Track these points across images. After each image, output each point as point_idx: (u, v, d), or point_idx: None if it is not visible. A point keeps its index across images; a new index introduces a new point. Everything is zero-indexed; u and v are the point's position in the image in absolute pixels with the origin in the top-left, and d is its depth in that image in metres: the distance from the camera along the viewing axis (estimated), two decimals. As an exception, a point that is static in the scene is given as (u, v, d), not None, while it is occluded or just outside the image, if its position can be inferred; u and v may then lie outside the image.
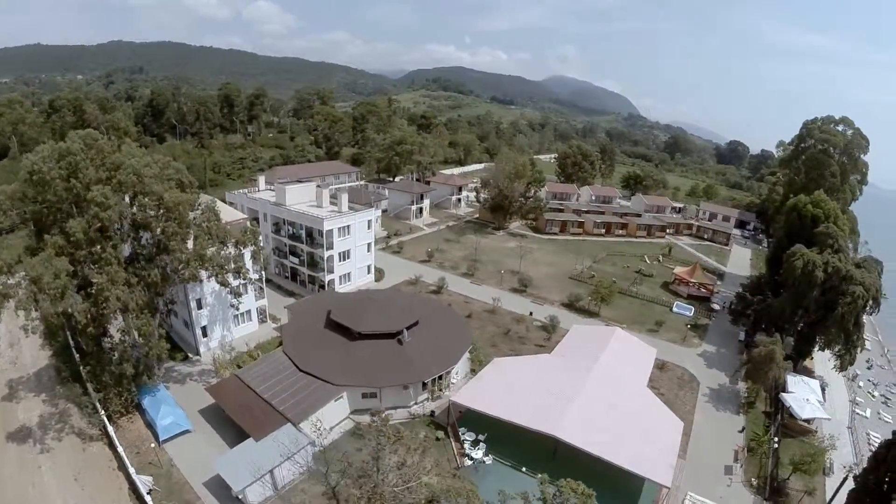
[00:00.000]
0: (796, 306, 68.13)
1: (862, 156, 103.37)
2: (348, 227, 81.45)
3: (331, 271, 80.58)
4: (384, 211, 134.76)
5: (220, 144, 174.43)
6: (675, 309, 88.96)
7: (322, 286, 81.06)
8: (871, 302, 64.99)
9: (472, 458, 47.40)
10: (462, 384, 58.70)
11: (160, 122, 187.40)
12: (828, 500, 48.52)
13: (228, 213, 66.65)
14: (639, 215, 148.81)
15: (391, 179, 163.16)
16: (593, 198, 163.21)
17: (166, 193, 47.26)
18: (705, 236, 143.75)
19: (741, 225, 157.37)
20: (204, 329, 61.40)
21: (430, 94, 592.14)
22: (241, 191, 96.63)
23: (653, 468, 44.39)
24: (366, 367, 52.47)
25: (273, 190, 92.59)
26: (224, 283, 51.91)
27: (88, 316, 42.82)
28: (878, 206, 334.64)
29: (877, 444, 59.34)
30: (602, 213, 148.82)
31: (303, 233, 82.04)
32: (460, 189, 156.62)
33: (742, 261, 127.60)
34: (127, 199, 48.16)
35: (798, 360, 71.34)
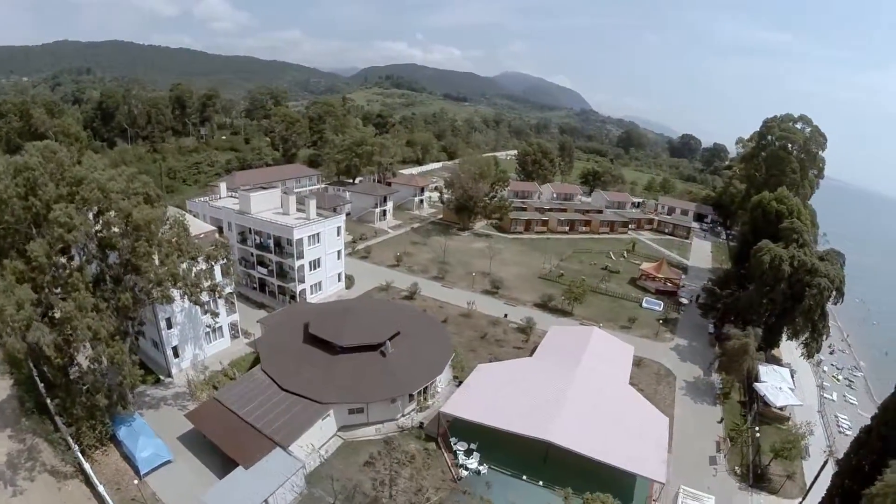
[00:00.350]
0: (764, 299, 70.52)
1: (820, 152, 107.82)
2: (318, 234, 79.35)
3: (301, 281, 78.26)
4: (347, 214, 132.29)
5: (174, 148, 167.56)
6: (644, 304, 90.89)
7: (293, 296, 78.78)
8: (835, 293, 67.72)
9: (467, 469, 46.97)
10: (447, 392, 58.29)
11: (110, 125, 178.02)
12: (809, 483, 50.51)
13: (195, 226, 63.74)
14: (600, 211, 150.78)
15: (351, 181, 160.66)
16: (554, 195, 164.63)
17: (135, 210, 44.40)
18: (666, 230, 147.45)
19: (699, 218, 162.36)
20: (175, 349, 58.32)
21: (384, 92, 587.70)
22: (202, 199, 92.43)
23: (646, 465, 45.55)
24: (351, 383, 51.12)
25: (236, 197, 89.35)
26: (198, 303, 49.54)
27: (55, 346, 39.83)
28: (836, 198, 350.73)
29: (845, 427, 63.02)
30: (564, 210, 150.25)
31: (271, 242, 79.21)
32: (422, 190, 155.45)
33: (703, 254, 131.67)
34: (90, 216, 45.41)
35: (767, 349, 73.85)
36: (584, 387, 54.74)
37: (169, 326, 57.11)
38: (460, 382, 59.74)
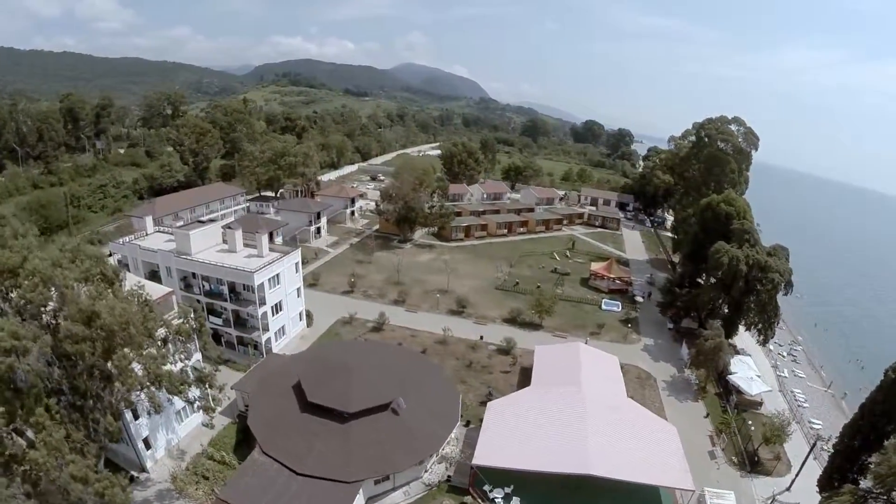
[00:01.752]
0: (723, 295, 75.42)
1: (753, 151, 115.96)
2: (277, 275, 73.58)
3: (266, 329, 71.64)
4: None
5: (70, 168, 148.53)
6: (604, 306, 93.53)
7: (255, 346, 72.12)
8: (784, 285, 73.68)
9: (513, 515, 46.03)
10: (461, 437, 56.53)
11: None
12: (795, 460, 56.40)
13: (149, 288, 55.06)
14: (532, 210, 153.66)
15: (274, 195, 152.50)
16: (485, 196, 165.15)
17: (100, 306, 35.97)
18: (596, 223, 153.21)
19: (621, 207, 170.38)
20: (146, 440, 50.44)
21: (281, 90, 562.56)
22: (128, 239, 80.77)
23: (674, 476, 47.88)
24: (373, 452, 46.98)
25: (166, 232, 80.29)
26: (187, 400, 43.63)
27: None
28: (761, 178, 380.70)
29: (801, 400, 70.62)
30: (497, 211, 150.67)
31: (224, 288, 71.19)
32: (353, 201, 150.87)
33: (636, 245, 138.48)
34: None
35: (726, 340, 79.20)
36: (596, 409, 54.89)
37: (136, 417, 48.79)
38: (468, 422, 58.57)
